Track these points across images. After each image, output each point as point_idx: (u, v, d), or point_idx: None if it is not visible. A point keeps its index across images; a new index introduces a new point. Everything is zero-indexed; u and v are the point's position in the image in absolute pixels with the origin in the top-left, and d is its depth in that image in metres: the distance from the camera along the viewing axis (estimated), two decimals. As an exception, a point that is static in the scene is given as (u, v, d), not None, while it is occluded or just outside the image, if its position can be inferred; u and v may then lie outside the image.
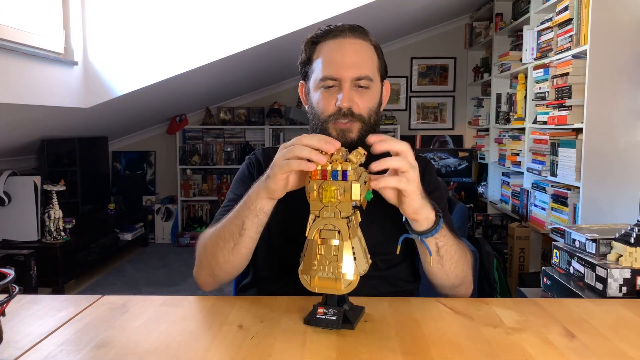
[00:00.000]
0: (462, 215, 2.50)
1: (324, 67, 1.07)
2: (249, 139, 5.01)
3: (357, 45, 1.08)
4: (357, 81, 1.06)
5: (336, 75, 1.05)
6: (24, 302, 0.94)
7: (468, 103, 4.99)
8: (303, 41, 1.13)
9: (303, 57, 1.13)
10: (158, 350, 0.74)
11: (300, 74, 1.16)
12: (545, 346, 0.76)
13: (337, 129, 1.06)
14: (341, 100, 1.04)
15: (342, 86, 1.05)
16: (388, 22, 3.95)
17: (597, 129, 2.44)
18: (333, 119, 1.06)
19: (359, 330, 0.81)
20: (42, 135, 3.56)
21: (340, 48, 1.07)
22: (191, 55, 3.03)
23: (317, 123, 1.09)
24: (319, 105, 1.08)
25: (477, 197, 4.50)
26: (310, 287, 0.81)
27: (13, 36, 2.51)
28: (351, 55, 1.06)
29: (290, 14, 2.92)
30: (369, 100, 1.08)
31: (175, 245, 4.69)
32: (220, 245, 0.97)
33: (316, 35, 1.11)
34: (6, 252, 2.91)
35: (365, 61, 1.08)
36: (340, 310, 0.80)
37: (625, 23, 2.39)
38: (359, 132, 1.07)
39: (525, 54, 3.25)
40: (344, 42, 1.08)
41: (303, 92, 1.17)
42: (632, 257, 1.11)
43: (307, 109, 1.14)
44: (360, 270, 0.81)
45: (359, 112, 1.06)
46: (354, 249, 0.79)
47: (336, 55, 1.07)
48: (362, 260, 0.82)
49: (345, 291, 0.79)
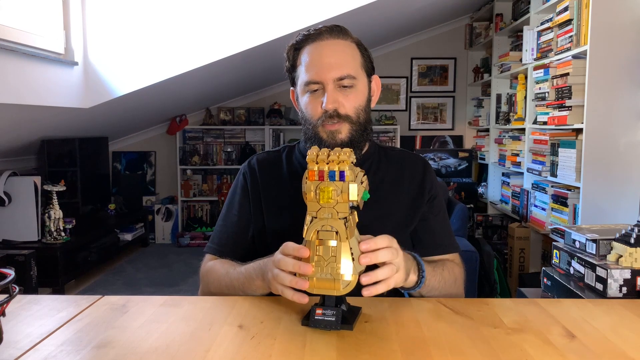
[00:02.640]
0: (462, 216, 2.51)
1: (306, 72, 1.08)
2: (249, 139, 5.01)
3: (336, 46, 1.09)
4: (339, 81, 1.06)
5: (318, 79, 1.06)
6: (24, 302, 0.94)
7: (468, 103, 5.00)
8: (285, 49, 1.14)
9: (287, 65, 1.14)
10: (158, 351, 0.74)
11: (289, 81, 1.17)
12: (545, 346, 0.76)
13: (326, 131, 1.08)
14: (325, 103, 1.05)
15: (326, 88, 1.06)
16: (388, 22, 3.95)
17: (597, 129, 2.44)
18: (321, 122, 1.07)
19: (359, 330, 0.81)
20: (42, 136, 3.56)
21: (319, 51, 1.08)
22: (191, 55, 3.03)
23: (308, 127, 1.10)
24: (307, 109, 1.09)
25: (477, 198, 4.50)
26: (308, 289, 0.81)
27: (13, 36, 2.51)
28: (330, 56, 1.07)
29: (290, 15, 2.92)
30: (354, 100, 1.08)
31: (176, 246, 4.69)
32: (225, 292, 1.05)
33: (297, 42, 1.12)
34: (6, 253, 2.90)
35: (346, 60, 1.08)
36: (338, 311, 0.80)
37: (625, 23, 2.39)
38: (348, 133, 1.08)
39: (525, 55, 3.25)
40: (322, 45, 1.08)
41: (294, 99, 1.18)
42: (632, 258, 1.11)
43: (299, 114, 1.15)
44: (358, 271, 0.81)
45: (345, 112, 1.07)
46: (351, 250, 0.79)
47: (315, 58, 1.07)
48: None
49: (344, 292, 0.79)
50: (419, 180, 1.17)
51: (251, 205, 1.16)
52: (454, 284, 1.08)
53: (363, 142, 1.13)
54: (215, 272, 1.10)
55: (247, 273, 0.99)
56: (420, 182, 1.16)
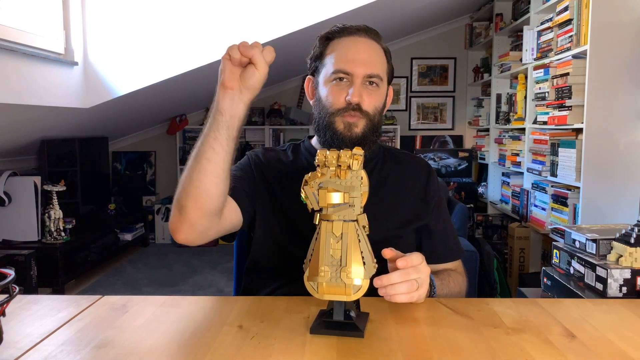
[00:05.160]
0: (462, 216, 2.51)
1: (337, 61, 1.08)
2: (249, 139, 5.01)
3: (370, 45, 1.11)
4: (368, 78, 1.08)
5: (349, 70, 1.07)
6: (24, 302, 0.94)
7: (468, 103, 5.00)
8: (317, 37, 1.15)
9: (316, 52, 1.14)
10: (158, 351, 0.74)
11: (309, 69, 1.17)
12: (545, 346, 0.76)
13: (344, 121, 1.08)
14: (352, 95, 1.06)
15: (354, 81, 1.07)
16: (388, 22, 3.95)
17: (597, 129, 2.44)
18: (341, 113, 1.07)
19: (359, 330, 0.81)
20: (42, 136, 3.55)
21: (355, 45, 1.10)
22: (191, 55, 3.03)
23: (323, 117, 1.10)
24: (328, 98, 1.09)
25: (477, 197, 4.50)
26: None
27: (13, 36, 2.51)
28: (365, 52, 1.09)
29: (290, 15, 2.92)
30: (376, 99, 1.10)
31: (176, 246, 4.68)
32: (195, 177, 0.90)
33: (331, 32, 1.13)
34: (6, 253, 2.90)
35: (377, 61, 1.10)
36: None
37: (625, 23, 2.39)
38: (363, 128, 1.08)
39: (525, 54, 3.25)
40: (359, 40, 1.11)
41: (310, 87, 1.18)
42: (632, 257, 1.11)
43: (312, 103, 1.16)
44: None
45: (366, 109, 1.08)
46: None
47: (350, 51, 1.09)
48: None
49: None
50: (423, 185, 1.17)
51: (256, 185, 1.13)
52: (459, 294, 1.09)
53: (372, 143, 1.13)
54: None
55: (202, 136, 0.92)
56: (424, 187, 1.17)
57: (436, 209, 1.17)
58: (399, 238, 1.12)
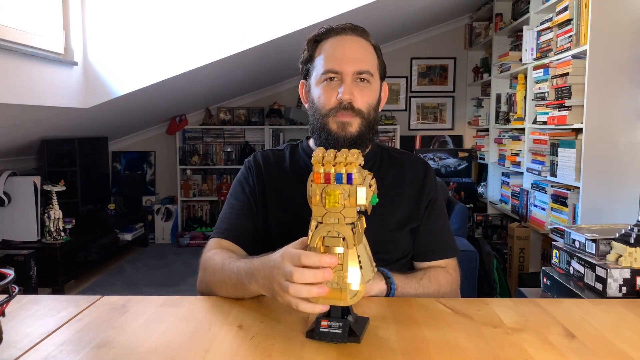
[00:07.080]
0: (462, 216, 2.51)
1: (325, 62, 1.08)
2: (248, 139, 5.01)
3: (358, 42, 1.11)
4: (358, 75, 1.08)
5: (338, 69, 1.07)
6: (24, 302, 0.94)
7: (468, 103, 5.00)
8: (305, 40, 1.15)
9: (305, 55, 1.14)
10: (158, 351, 0.74)
11: (301, 73, 1.17)
12: (545, 346, 0.76)
13: (337, 122, 1.08)
14: (342, 93, 1.06)
15: (344, 79, 1.07)
16: (388, 22, 3.95)
17: (597, 129, 2.44)
18: (334, 112, 1.07)
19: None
20: (42, 136, 3.55)
21: (342, 44, 1.10)
22: (191, 55, 3.03)
23: (317, 118, 1.10)
24: (320, 100, 1.09)
25: (477, 197, 4.50)
26: (313, 299, 0.75)
27: (13, 36, 2.50)
28: (352, 50, 1.09)
29: (290, 15, 2.92)
30: (369, 96, 1.10)
31: (175, 246, 4.69)
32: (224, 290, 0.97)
33: (318, 34, 1.13)
34: (6, 253, 2.91)
35: (366, 57, 1.10)
36: (345, 322, 0.76)
37: (625, 23, 2.39)
38: (358, 128, 1.08)
39: (525, 54, 3.25)
40: (345, 39, 1.11)
41: (303, 91, 1.18)
42: (631, 257, 1.11)
43: (307, 107, 1.15)
44: (367, 280, 0.76)
45: (358, 107, 1.08)
46: (359, 257, 0.74)
47: (338, 50, 1.09)
48: (368, 268, 0.77)
49: (351, 302, 0.75)
50: (419, 183, 1.17)
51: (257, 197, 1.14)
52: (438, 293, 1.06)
53: (369, 141, 1.13)
54: (212, 262, 1.03)
55: (239, 275, 0.91)
56: (420, 185, 1.16)
57: (430, 206, 1.16)
58: (395, 240, 1.12)
